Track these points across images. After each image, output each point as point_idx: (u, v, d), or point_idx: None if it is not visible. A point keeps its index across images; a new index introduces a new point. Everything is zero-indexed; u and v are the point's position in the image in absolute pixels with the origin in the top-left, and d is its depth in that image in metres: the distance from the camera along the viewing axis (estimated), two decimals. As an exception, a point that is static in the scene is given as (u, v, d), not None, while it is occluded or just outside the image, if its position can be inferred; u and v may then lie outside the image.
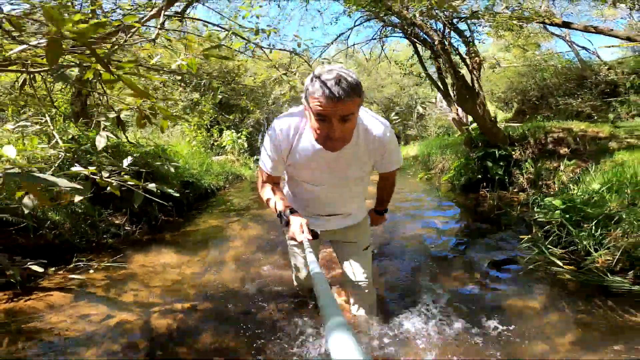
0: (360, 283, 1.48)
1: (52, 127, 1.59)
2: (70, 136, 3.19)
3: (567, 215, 2.16)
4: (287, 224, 1.08)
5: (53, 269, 2.32)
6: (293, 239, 1.04)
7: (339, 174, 1.24)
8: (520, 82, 11.64)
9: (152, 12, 0.97)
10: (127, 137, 1.67)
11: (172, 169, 1.88)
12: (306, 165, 1.21)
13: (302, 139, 1.16)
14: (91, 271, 2.31)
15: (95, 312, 1.87)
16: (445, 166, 5.21)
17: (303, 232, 1.01)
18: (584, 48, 12.13)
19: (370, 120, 1.17)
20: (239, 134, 7.76)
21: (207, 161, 5.78)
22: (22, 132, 2.62)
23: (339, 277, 1.98)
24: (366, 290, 1.50)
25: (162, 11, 1.26)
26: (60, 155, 1.79)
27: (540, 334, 1.58)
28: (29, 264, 2.01)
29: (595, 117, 9.93)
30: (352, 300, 1.55)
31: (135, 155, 3.36)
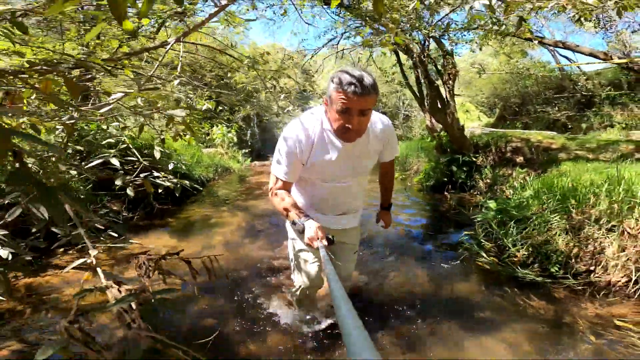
0: (345, 279, 1.74)
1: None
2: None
3: (499, 216, 2.61)
4: (303, 230, 1.14)
5: (62, 249, 2.67)
6: (309, 245, 1.10)
7: (352, 166, 1.36)
8: (503, 89, 12.10)
9: (173, 41, 1.29)
10: (163, 149, 2.05)
11: (184, 167, 2.23)
12: (324, 162, 1.30)
13: (321, 138, 1.28)
14: (97, 252, 2.67)
15: (104, 286, 2.23)
16: (420, 168, 5.67)
17: (319, 239, 1.06)
18: (566, 58, 12.61)
19: (375, 115, 1.36)
20: (229, 129, 8.08)
21: (198, 153, 6.10)
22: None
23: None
24: (347, 284, 1.79)
25: (182, 38, 1.58)
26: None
27: (456, 314, 1.94)
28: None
29: (570, 126, 10.50)
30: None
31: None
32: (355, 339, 0.39)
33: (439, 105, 4.48)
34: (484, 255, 2.50)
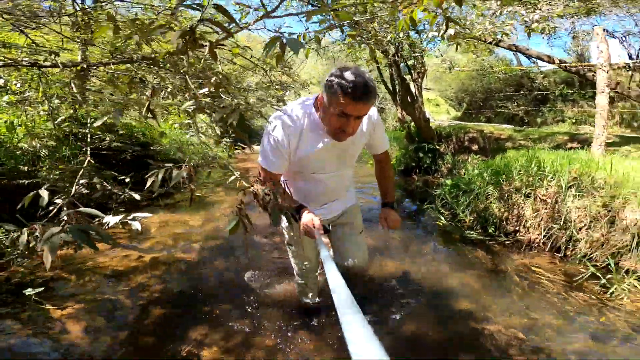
0: (358, 265, 1.58)
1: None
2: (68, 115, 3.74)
3: (453, 190, 3.27)
4: (298, 220, 1.13)
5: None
6: (306, 234, 1.10)
7: (340, 158, 1.36)
8: (470, 85, 12.96)
9: (208, 47, 1.62)
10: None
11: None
12: (312, 155, 1.28)
13: (309, 130, 1.25)
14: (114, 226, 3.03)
15: (131, 254, 2.56)
16: (392, 155, 6.33)
17: (315, 227, 1.06)
18: (528, 58, 13.58)
19: None
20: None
21: (187, 141, 6.41)
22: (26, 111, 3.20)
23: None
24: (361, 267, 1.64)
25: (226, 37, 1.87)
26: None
27: (420, 264, 2.46)
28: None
29: (527, 121, 11.57)
30: None
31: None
32: (350, 318, 0.41)
33: (409, 100, 5.09)
34: (442, 220, 3.15)
